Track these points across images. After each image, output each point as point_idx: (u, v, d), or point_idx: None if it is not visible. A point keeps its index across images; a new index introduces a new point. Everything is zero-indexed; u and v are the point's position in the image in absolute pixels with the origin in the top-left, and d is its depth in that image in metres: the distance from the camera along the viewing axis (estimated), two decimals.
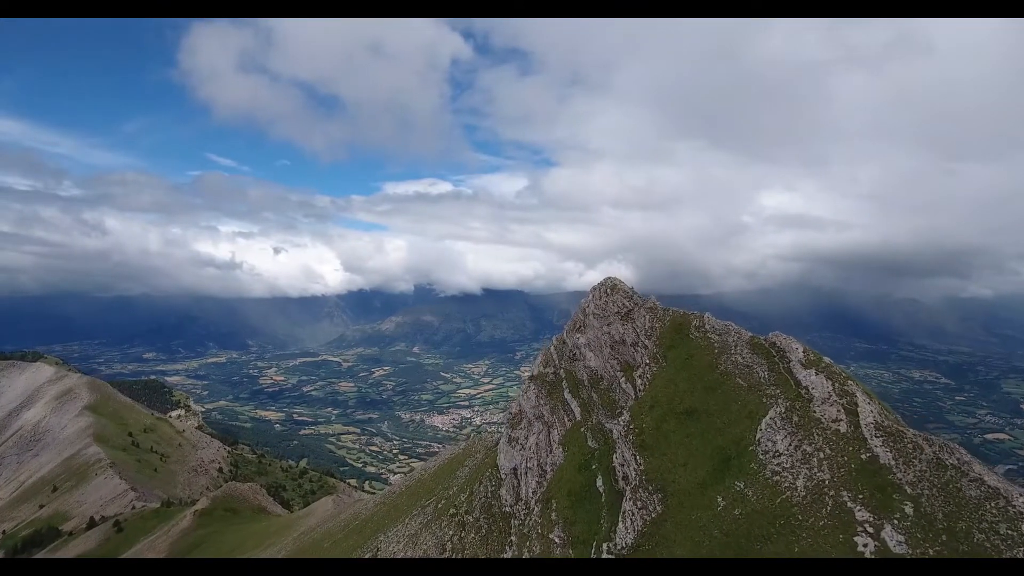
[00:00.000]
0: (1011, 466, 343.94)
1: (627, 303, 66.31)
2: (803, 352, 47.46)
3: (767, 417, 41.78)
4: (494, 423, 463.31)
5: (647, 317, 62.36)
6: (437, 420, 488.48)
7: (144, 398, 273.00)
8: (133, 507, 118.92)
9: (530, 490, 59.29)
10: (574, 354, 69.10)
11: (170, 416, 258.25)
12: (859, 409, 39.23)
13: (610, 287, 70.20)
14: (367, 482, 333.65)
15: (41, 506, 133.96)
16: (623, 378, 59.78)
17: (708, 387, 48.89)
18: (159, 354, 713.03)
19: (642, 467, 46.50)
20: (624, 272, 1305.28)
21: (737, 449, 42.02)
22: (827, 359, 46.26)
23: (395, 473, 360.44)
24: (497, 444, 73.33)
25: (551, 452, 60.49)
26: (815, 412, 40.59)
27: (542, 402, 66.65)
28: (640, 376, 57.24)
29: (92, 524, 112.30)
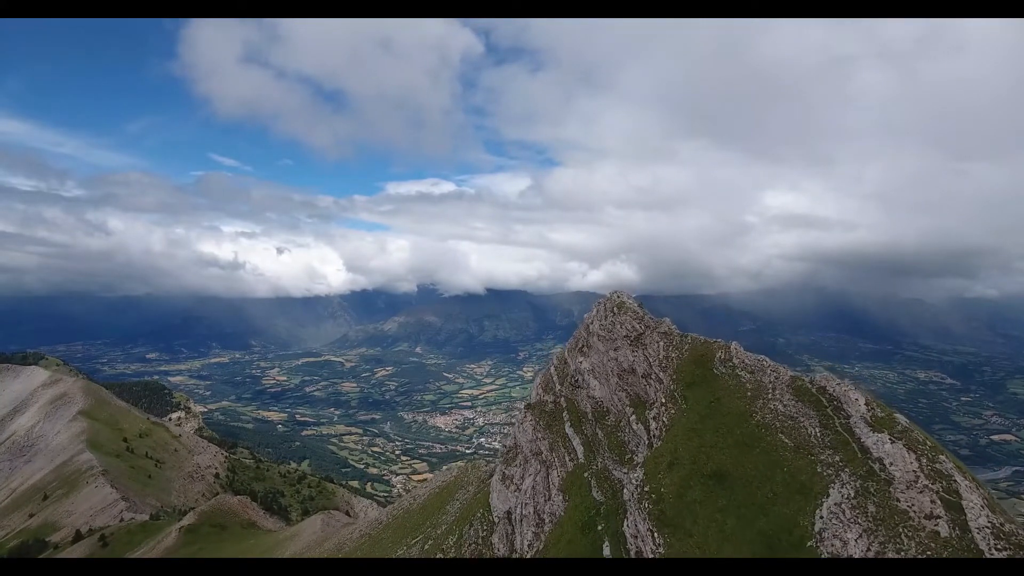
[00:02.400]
0: (1018, 467, 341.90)
1: (637, 325, 58.10)
2: (866, 405, 37.14)
3: (830, 500, 32.02)
4: (496, 424, 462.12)
5: (660, 344, 54.26)
6: (440, 421, 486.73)
7: (145, 399, 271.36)
8: (121, 519, 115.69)
9: (526, 542, 52.58)
10: (576, 380, 61.45)
11: (170, 418, 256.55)
12: (964, 503, 28.58)
13: (617, 305, 61.88)
14: (369, 483, 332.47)
15: (31, 515, 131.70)
16: (633, 416, 52.19)
17: (742, 442, 39.66)
18: (162, 354, 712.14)
19: (661, 549, 37.85)
20: (628, 272, 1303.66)
21: (790, 540, 32.54)
22: (901, 417, 36.19)
23: (397, 475, 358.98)
24: (491, 478, 66.60)
25: (550, 499, 53.27)
26: (899, 500, 30.01)
27: (540, 436, 59.16)
28: (655, 418, 48.96)
29: (79, 537, 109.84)
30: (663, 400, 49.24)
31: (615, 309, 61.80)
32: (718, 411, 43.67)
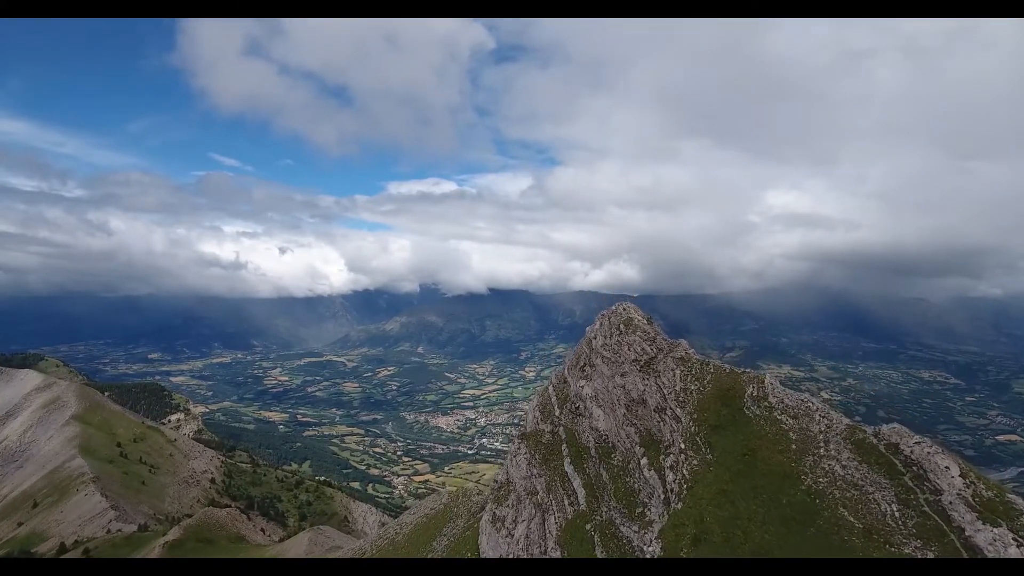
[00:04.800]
0: (1023, 468, 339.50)
1: (648, 348, 49.57)
2: (962, 477, 28.25)
3: None
4: (499, 424, 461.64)
5: (677, 372, 45.70)
6: (441, 421, 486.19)
7: (144, 401, 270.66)
8: (109, 530, 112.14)
9: None
10: (578, 407, 53.80)
11: (169, 420, 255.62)
12: None
13: (624, 321, 52.79)
14: (370, 484, 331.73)
15: (20, 524, 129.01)
16: (645, 459, 44.16)
17: (790, 517, 30.83)
18: (164, 354, 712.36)
19: None
20: (630, 272, 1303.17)
21: None
22: (1020, 500, 27.38)
23: (398, 476, 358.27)
24: (481, 511, 59.94)
25: (545, 552, 46.16)
26: None
27: (535, 472, 51.31)
28: (672, 468, 40.44)
29: (63, 550, 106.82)
30: (682, 446, 40.50)
31: (621, 327, 52.81)
32: (754, 468, 34.85)
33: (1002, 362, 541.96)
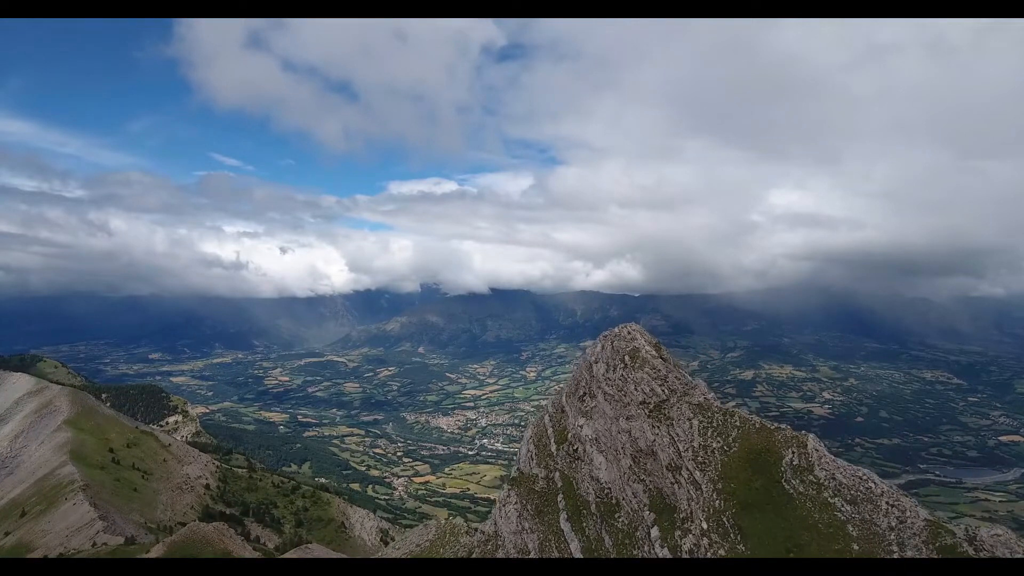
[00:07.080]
0: None
1: (658, 389, 42.00)
2: None
3: None
4: (499, 424, 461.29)
5: (694, 423, 38.26)
6: (442, 422, 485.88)
7: (142, 403, 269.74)
8: (94, 543, 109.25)
9: None
10: (576, 449, 46.33)
11: (166, 422, 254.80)
12: None
13: (629, 352, 45.00)
14: (371, 486, 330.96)
15: (7, 533, 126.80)
16: (655, 528, 36.39)
17: None
18: (165, 354, 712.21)
19: None
20: (632, 272, 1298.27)
21: None
22: None
23: (399, 476, 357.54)
24: (470, 556, 52.77)
25: None
26: None
27: (527, 527, 43.90)
28: (692, 553, 32.77)
29: None
30: (704, 525, 32.67)
31: (627, 359, 44.68)
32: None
33: (1005, 362, 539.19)
